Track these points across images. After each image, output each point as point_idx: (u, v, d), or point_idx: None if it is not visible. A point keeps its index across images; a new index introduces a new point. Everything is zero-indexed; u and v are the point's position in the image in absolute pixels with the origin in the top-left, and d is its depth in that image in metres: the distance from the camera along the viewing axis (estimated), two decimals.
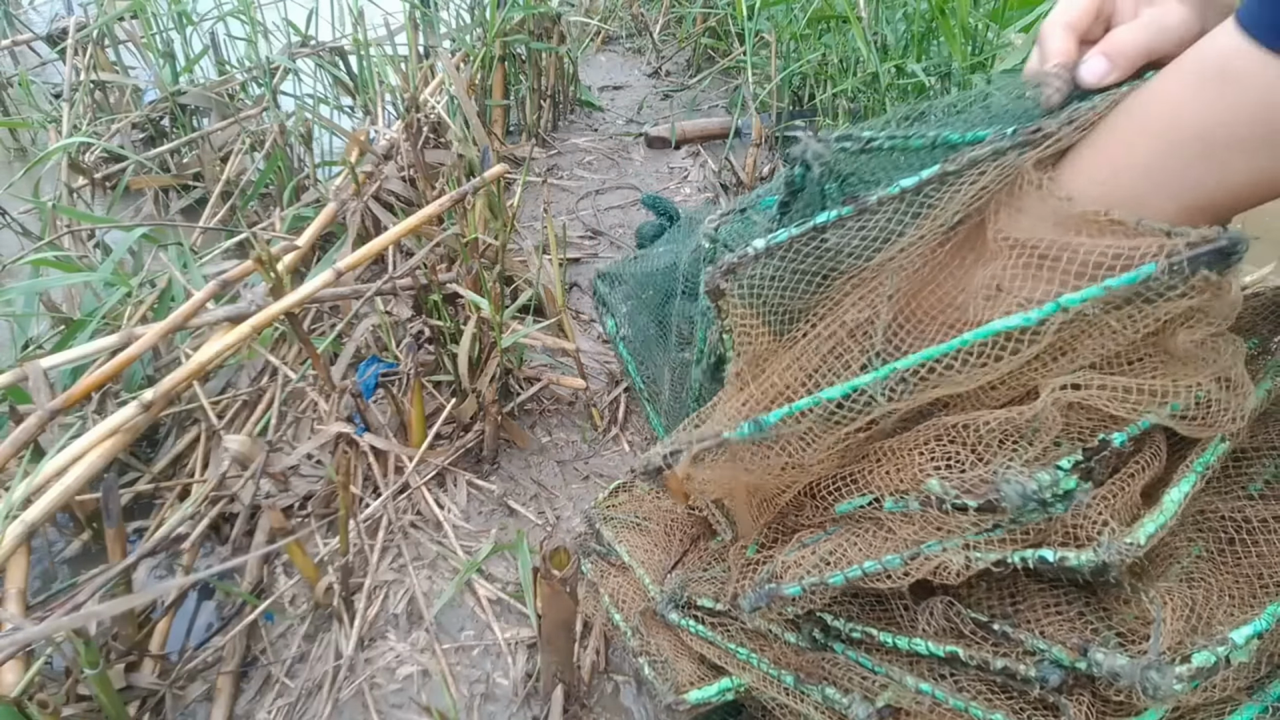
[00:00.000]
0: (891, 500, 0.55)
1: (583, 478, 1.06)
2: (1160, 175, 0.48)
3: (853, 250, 0.55)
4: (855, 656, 0.60)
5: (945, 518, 0.51)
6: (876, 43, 1.47)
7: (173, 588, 0.85)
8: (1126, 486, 0.50)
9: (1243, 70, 0.44)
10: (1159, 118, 0.49)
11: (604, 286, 1.13)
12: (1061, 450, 0.49)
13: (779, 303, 0.57)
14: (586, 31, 2.32)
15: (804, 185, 0.55)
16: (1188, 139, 0.47)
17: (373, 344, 1.15)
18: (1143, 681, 0.44)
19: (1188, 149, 0.47)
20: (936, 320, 0.55)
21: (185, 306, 0.93)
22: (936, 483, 0.51)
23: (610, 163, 1.77)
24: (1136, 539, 0.46)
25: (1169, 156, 0.48)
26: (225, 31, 1.72)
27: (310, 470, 1.00)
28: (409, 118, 1.31)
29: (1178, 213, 0.48)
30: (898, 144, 0.55)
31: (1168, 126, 0.48)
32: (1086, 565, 0.47)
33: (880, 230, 0.54)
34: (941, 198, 0.53)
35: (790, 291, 0.56)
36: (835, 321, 0.56)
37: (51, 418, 0.80)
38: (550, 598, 0.68)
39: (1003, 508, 0.48)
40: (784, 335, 0.59)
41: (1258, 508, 0.55)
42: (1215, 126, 0.46)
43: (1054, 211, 0.50)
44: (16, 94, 1.80)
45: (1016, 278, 0.51)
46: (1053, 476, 0.47)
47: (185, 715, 0.80)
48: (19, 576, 0.75)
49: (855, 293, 0.56)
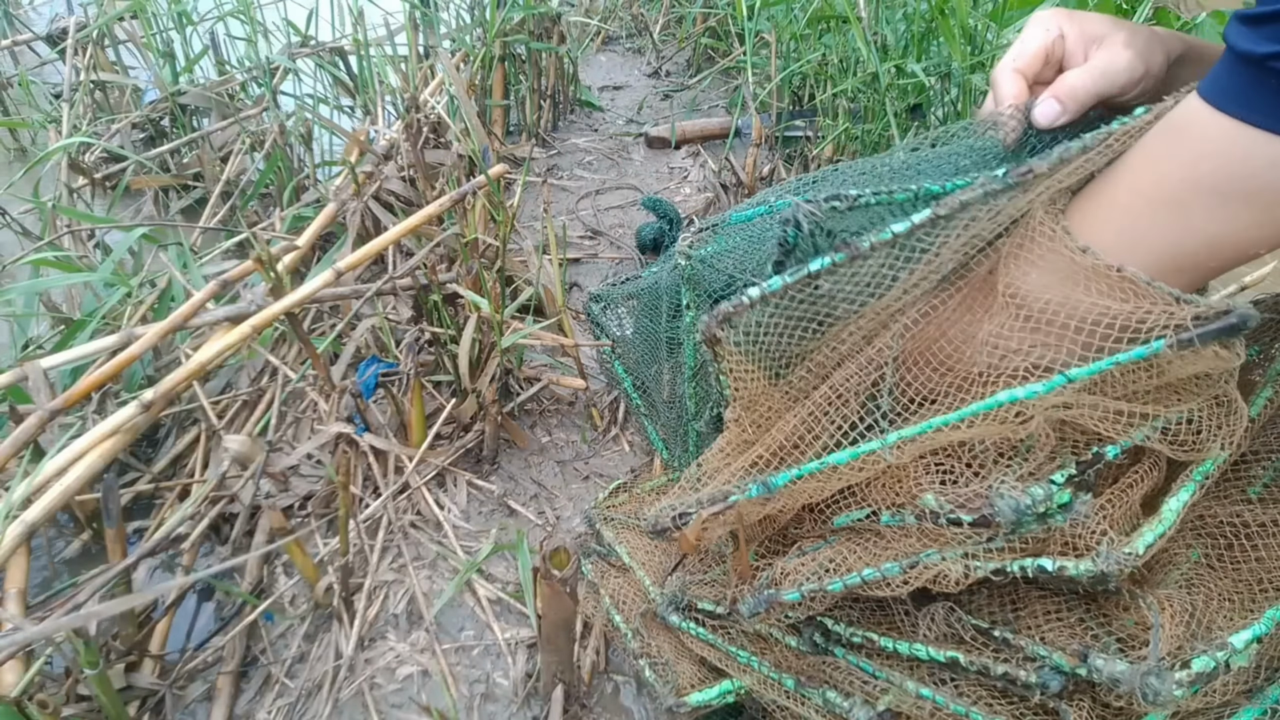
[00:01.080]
0: (888, 514, 0.55)
1: (583, 478, 1.06)
2: (1138, 232, 0.50)
3: (847, 296, 0.56)
4: (856, 661, 0.60)
5: (941, 531, 0.52)
6: (876, 43, 1.46)
7: (173, 588, 0.85)
8: (1126, 496, 0.50)
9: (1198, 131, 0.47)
10: (1142, 175, 0.51)
11: (596, 307, 1.15)
12: (1055, 464, 0.50)
13: (775, 348, 0.58)
14: (586, 31, 2.31)
15: (797, 244, 0.57)
16: (1162, 198, 0.49)
17: (373, 344, 1.15)
18: (1142, 687, 0.44)
19: (1161, 207, 0.49)
20: (942, 371, 0.56)
21: (185, 306, 0.93)
22: (932, 497, 0.51)
23: (610, 163, 1.77)
24: (1135, 549, 0.47)
25: (1144, 215, 0.50)
26: (225, 31, 1.72)
27: (310, 470, 1.00)
28: (409, 118, 1.31)
29: (1157, 271, 0.50)
30: (883, 199, 0.56)
31: (1147, 185, 0.50)
32: (1085, 575, 0.47)
33: (873, 276, 0.55)
34: (934, 242, 0.53)
35: (786, 338, 0.58)
36: (841, 383, 0.57)
37: (51, 418, 0.80)
38: (550, 598, 0.68)
39: (997, 522, 0.48)
40: (781, 378, 0.60)
41: (1256, 512, 0.55)
42: (1180, 184, 0.48)
43: (1066, 263, 0.50)
44: (16, 94, 1.80)
45: (1025, 340, 0.51)
46: (1046, 491, 0.47)
47: (185, 715, 0.80)
48: (19, 576, 0.75)
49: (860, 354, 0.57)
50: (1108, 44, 0.56)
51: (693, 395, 0.83)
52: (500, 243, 1.00)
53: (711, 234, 0.67)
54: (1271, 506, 0.55)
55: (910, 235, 0.53)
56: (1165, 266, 0.49)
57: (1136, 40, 0.56)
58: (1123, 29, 0.57)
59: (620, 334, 1.12)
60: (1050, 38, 0.58)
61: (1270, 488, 0.57)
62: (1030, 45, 0.58)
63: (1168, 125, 0.49)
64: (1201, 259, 0.50)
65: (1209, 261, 0.50)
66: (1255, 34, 0.43)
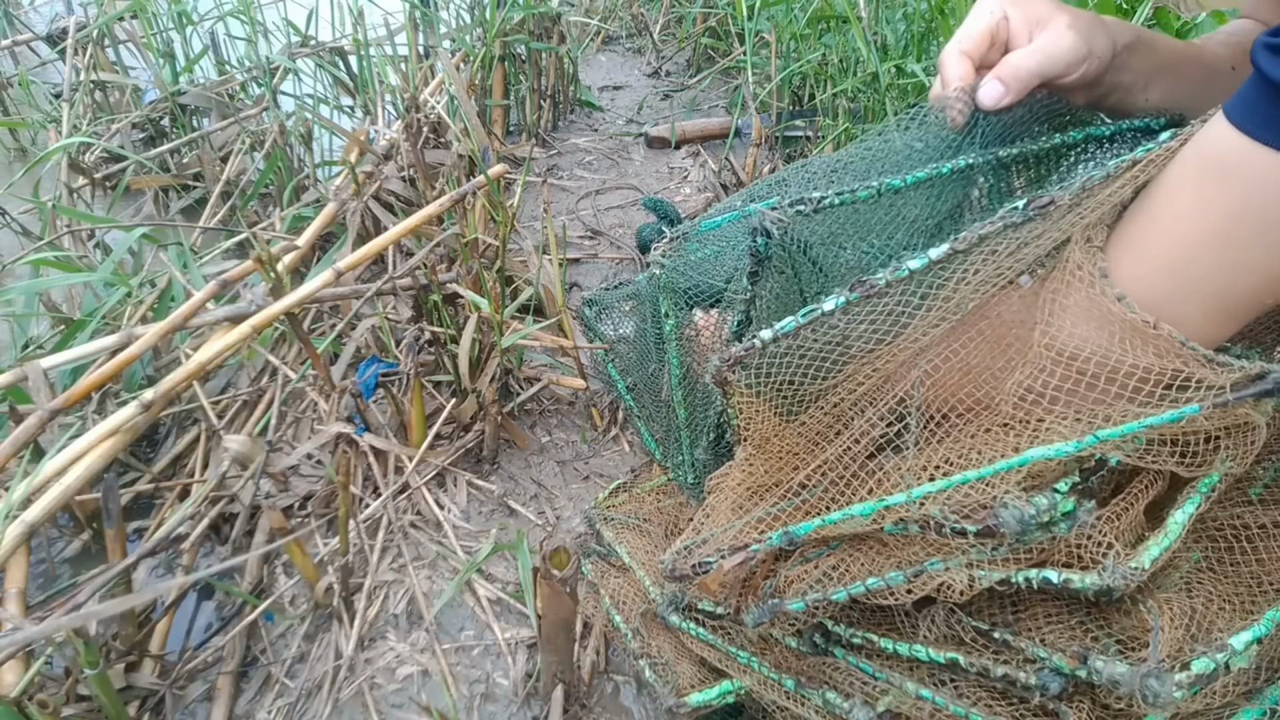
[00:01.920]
0: (893, 523, 0.55)
1: (583, 478, 1.06)
2: (1183, 277, 0.48)
3: (862, 335, 0.54)
4: (856, 662, 0.60)
5: (945, 541, 0.51)
6: (876, 43, 1.46)
7: (173, 588, 0.85)
8: (1131, 507, 0.50)
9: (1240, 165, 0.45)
10: (1172, 216, 0.49)
11: (589, 312, 1.15)
12: (1058, 472, 0.50)
13: (788, 389, 0.58)
14: (586, 31, 2.31)
15: (769, 252, 0.56)
16: (1202, 240, 0.47)
17: (373, 344, 1.15)
18: (1142, 689, 0.44)
19: (1203, 250, 0.47)
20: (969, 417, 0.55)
21: (185, 306, 0.93)
22: (937, 508, 0.51)
23: (610, 163, 1.77)
24: (1141, 563, 0.47)
25: (1187, 259, 0.48)
26: (225, 31, 1.71)
27: (310, 470, 1.00)
28: (409, 118, 1.31)
29: (1203, 315, 0.48)
30: (845, 199, 0.57)
31: (1184, 226, 0.48)
32: (1091, 588, 0.47)
33: (890, 313, 0.54)
34: (951, 277, 0.52)
35: (800, 378, 0.57)
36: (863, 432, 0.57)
37: (51, 418, 0.80)
38: (550, 598, 0.68)
39: (1001, 533, 0.48)
40: (794, 418, 0.59)
41: (1256, 513, 0.55)
42: (1225, 224, 0.46)
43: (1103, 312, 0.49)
44: (16, 94, 1.80)
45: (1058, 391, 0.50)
46: (1050, 500, 0.47)
47: (185, 715, 0.80)
48: (19, 576, 0.75)
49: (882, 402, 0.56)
50: (1051, 26, 0.57)
51: (681, 401, 0.84)
52: (500, 243, 1.00)
53: (684, 241, 0.68)
54: (1272, 508, 0.55)
55: (927, 271, 0.52)
56: (1216, 309, 0.48)
57: (1079, 23, 0.57)
58: (1066, 13, 0.58)
59: (615, 335, 1.13)
60: (994, 19, 0.58)
61: (1270, 489, 0.57)
62: (975, 27, 0.59)
63: (1208, 160, 0.47)
64: (1255, 297, 0.48)
65: (1263, 299, 0.48)
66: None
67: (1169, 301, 0.48)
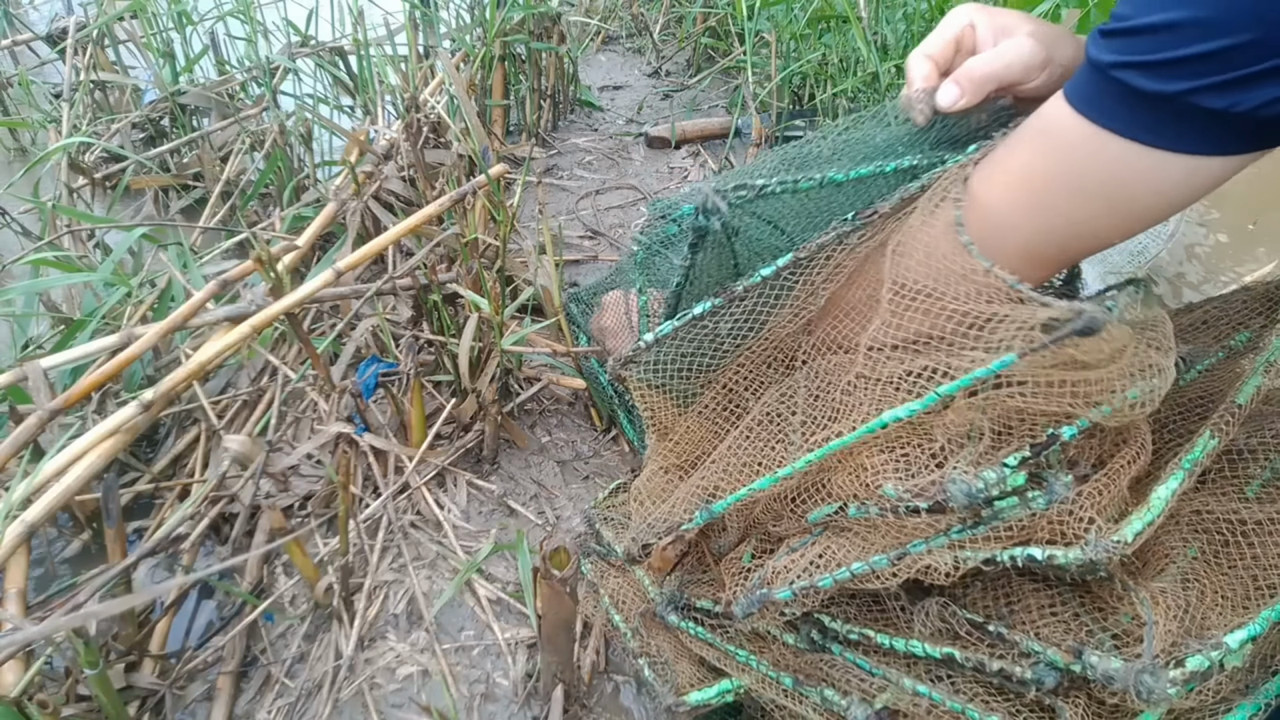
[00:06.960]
0: (855, 507, 0.56)
1: (583, 478, 1.06)
2: (1010, 221, 0.55)
3: (730, 331, 0.65)
4: (853, 658, 0.60)
5: (903, 521, 0.52)
6: (876, 43, 1.47)
7: (173, 588, 0.85)
8: (1113, 482, 0.50)
9: (1061, 130, 0.52)
10: (1014, 170, 0.56)
11: (575, 308, 1.16)
12: (1011, 447, 0.50)
13: (678, 380, 0.67)
14: (586, 31, 2.31)
15: (709, 230, 0.61)
16: (1032, 189, 0.54)
17: (373, 344, 1.15)
18: (1136, 685, 0.44)
19: (1025, 196, 0.55)
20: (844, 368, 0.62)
21: (185, 306, 0.94)
22: (890, 487, 0.52)
23: (610, 163, 1.77)
24: (1124, 536, 0.47)
25: (1017, 205, 0.55)
26: (225, 31, 1.72)
27: (310, 470, 1.00)
28: (409, 118, 1.31)
29: (1027, 256, 0.55)
30: (788, 188, 0.61)
31: (1019, 179, 0.55)
32: (1075, 563, 0.47)
33: (751, 313, 0.63)
34: (799, 280, 0.62)
35: (685, 370, 0.67)
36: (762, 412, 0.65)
37: (51, 418, 0.81)
38: (550, 598, 0.68)
39: (950, 508, 0.49)
40: (689, 405, 0.70)
41: (1253, 510, 0.55)
42: (1047, 178, 0.53)
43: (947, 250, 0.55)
44: (16, 94, 1.80)
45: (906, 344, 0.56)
46: (999, 474, 0.48)
47: (185, 715, 0.81)
48: (19, 576, 0.76)
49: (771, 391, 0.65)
50: (1014, 34, 0.60)
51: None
52: (500, 243, 1.01)
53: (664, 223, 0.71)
54: (1269, 505, 0.56)
55: (777, 277, 0.62)
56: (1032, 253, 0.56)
57: (1042, 32, 0.59)
58: (1032, 22, 0.60)
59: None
60: (961, 26, 0.62)
61: (1267, 487, 0.57)
62: (942, 34, 0.62)
63: (1039, 125, 0.54)
64: (1066, 246, 0.56)
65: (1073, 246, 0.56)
66: (1105, 45, 0.48)
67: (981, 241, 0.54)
